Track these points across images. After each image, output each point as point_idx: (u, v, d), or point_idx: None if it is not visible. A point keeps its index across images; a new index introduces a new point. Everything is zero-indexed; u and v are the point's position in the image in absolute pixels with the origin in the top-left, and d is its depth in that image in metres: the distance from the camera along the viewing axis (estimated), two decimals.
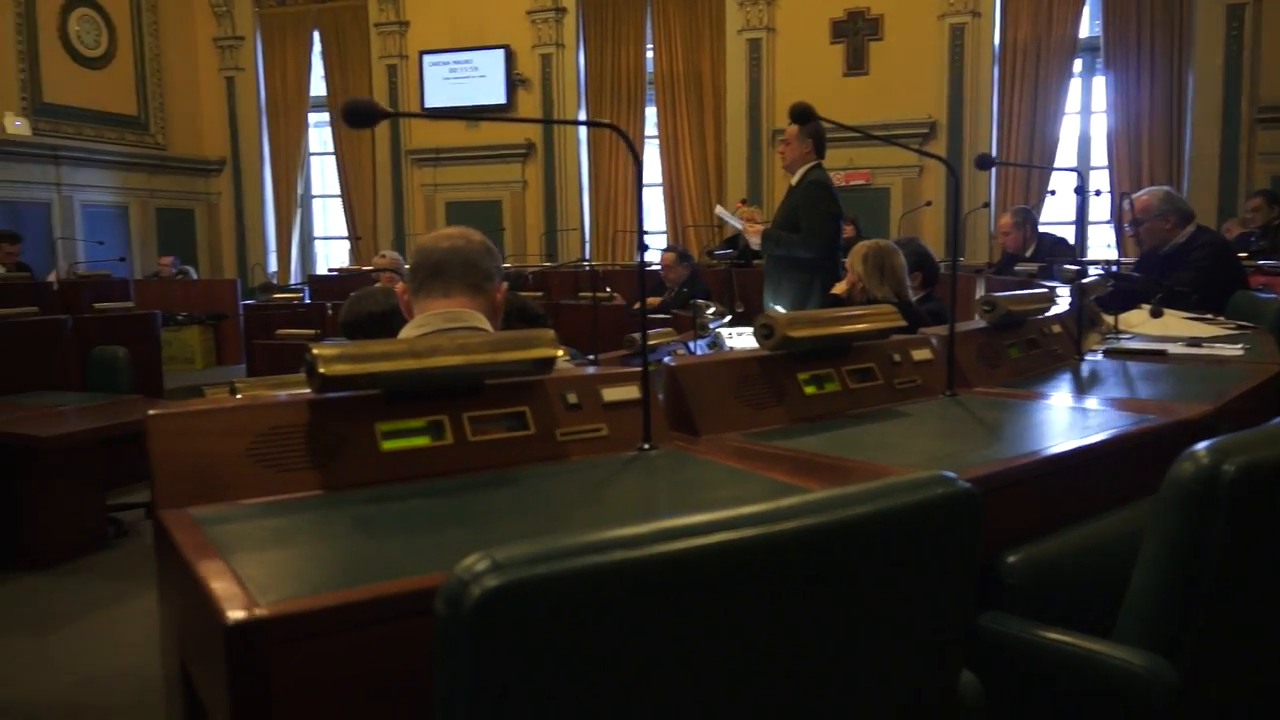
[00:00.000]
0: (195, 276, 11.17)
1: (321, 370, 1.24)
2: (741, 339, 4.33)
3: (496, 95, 10.66)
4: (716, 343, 4.34)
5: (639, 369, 1.48)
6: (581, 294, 7.15)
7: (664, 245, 8.48)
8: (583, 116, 10.75)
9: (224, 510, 1.13)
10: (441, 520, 1.13)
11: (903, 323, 1.91)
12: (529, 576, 0.73)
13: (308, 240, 12.31)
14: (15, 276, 7.43)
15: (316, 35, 11.44)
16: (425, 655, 0.87)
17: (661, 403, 1.55)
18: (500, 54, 10.65)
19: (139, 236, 11.25)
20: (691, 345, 4.01)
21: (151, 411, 1.17)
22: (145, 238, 11.32)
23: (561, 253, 10.49)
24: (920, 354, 1.94)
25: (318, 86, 11.61)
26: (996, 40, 9.26)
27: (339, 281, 8.59)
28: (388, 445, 1.29)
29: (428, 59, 10.90)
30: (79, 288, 7.41)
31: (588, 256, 10.33)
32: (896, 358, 1.89)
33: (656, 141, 10.46)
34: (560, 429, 1.41)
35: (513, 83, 10.67)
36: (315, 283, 8.98)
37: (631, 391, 1.47)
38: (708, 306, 4.87)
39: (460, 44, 10.76)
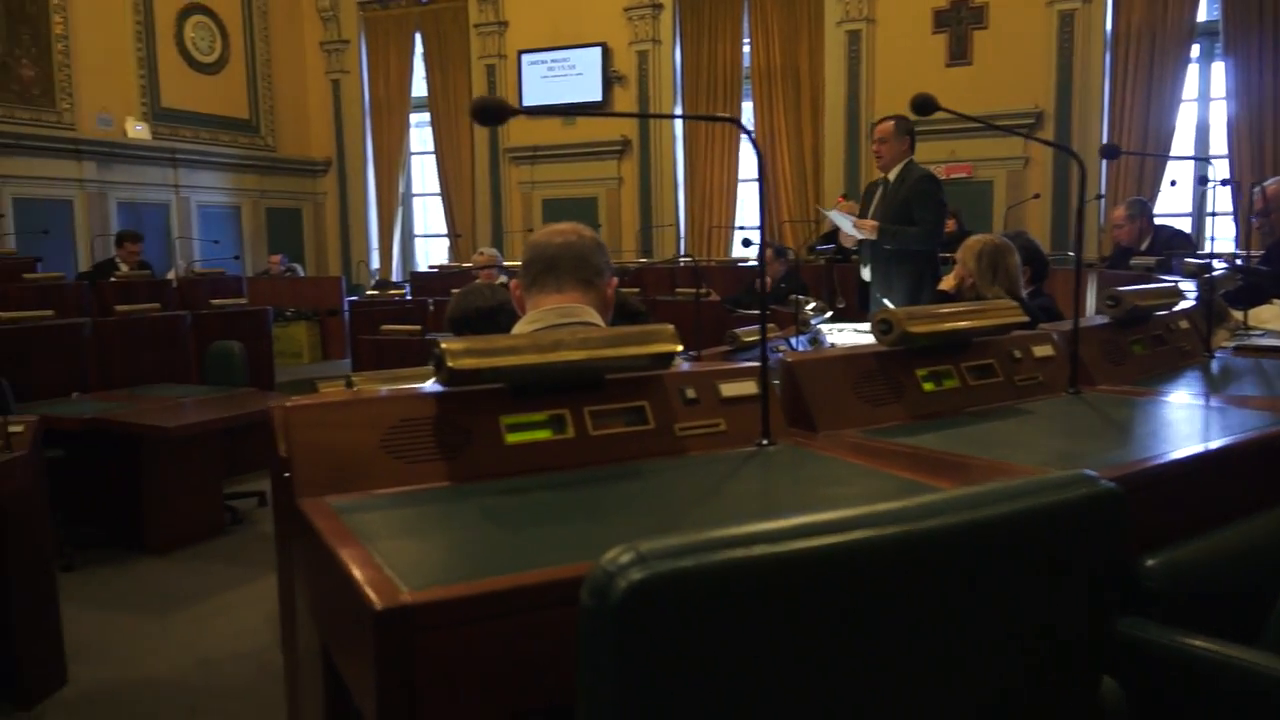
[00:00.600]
0: (302, 274, 11.55)
1: (450, 364, 1.26)
2: (842, 335, 4.27)
3: (593, 93, 10.74)
4: (817, 339, 4.29)
5: (756, 365, 1.47)
6: (678, 290, 7.15)
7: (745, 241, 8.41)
8: (679, 111, 10.74)
9: (360, 499, 1.16)
10: (569, 513, 1.14)
11: (1025, 319, 1.85)
12: (673, 569, 0.73)
13: (408, 238, 12.60)
14: (138, 275, 7.79)
15: (418, 37, 11.69)
16: (564, 644, 0.88)
17: (778, 398, 1.53)
18: (597, 51, 10.73)
19: (250, 235, 11.68)
20: (792, 341, 3.97)
21: (290, 404, 1.21)
22: (256, 236, 11.75)
23: (656, 249, 10.52)
24: (1041, 350, 1.89)
25: (418, 87, 11.87)
26: (1108, 26, 8.93)
27: (440, 278, 8.77)
28: (511, 438, 1.31)
29: (526, 58, 11.05)
30: (196, 285, 7.73)
31: (683, 252, 10.33)
32: (1017, 354, 1.84)
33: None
34: (679, 424, 1.41)
35: (609, 80, 10.74)
36: (417, 279, 9.19)
37: (749, 387, 1.46)
38: (807, 302, 4.82)
39: (558, 42, 10.88)
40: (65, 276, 7.83)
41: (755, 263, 7.82)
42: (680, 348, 1.40)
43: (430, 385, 2.07)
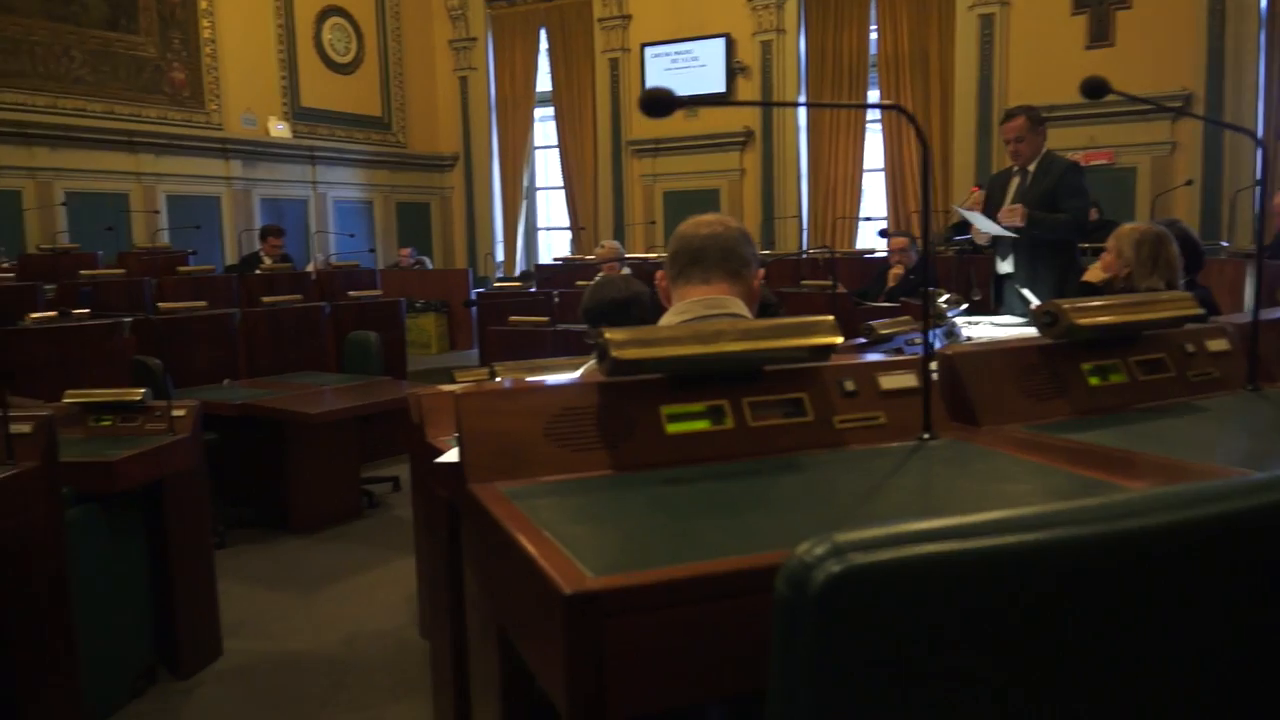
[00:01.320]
0: (430, 266, 11.88)
1: (614, 354, 1.27)
2: (978, 329, 4.14)
3: (716, 84, 10.70)
4: (953, 332, 4.18)
5: (915, 357, 1.43)
6: (804, 282, 7.07)
7: (881, 232, 8.24)
8: (803, 99, 10.61)
9: (529, 486, 1.18)
10: (738, 504, 1.14)
11: (1198, 310, 1.75)
12: (870, 563, 0.72)
13: (531, 231, 12.82)
14: (280, 267, 8.15)
15: (543, 32, 11.87)
16: (747, 633, 0.88)
17: (937, 391, 1.49)
18: (720, 43, 10.68)
19: (381, 229, 12.09)
20: (928, 335, 3.87)
21: (461, 391, 1.24)
22: (387, 230, 12.15)
23: (779, 241, 10.42)
24: (1215, 344, 1.78)
25: (542, 82, 12.06)
26: (1262, 2, 8.39)
27: (564, 270, 8.88)
28: (672, 428, 1.31)
29: (649, 51, 11.09)
30: (333, 277, 8.04)
31: (804, 245, 10.21)
32: (1190, 348, 1.74)
33: (879, 125, 10.19)
34: (838, 416, 1.38)
35: (732, 71, 10.68)
36: (541, 272, 9.35)
37: (909, 379, 1.43)
38: (941, 294, 4.69)
39: (680, 35, 10.88)
40: (215, 269, 8.25)
41: (884, 254, 7.65)
42: (840, 339, 1.38)
43: (573, 375, 2.09)
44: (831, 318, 1.39)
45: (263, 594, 4.09)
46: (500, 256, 12.56)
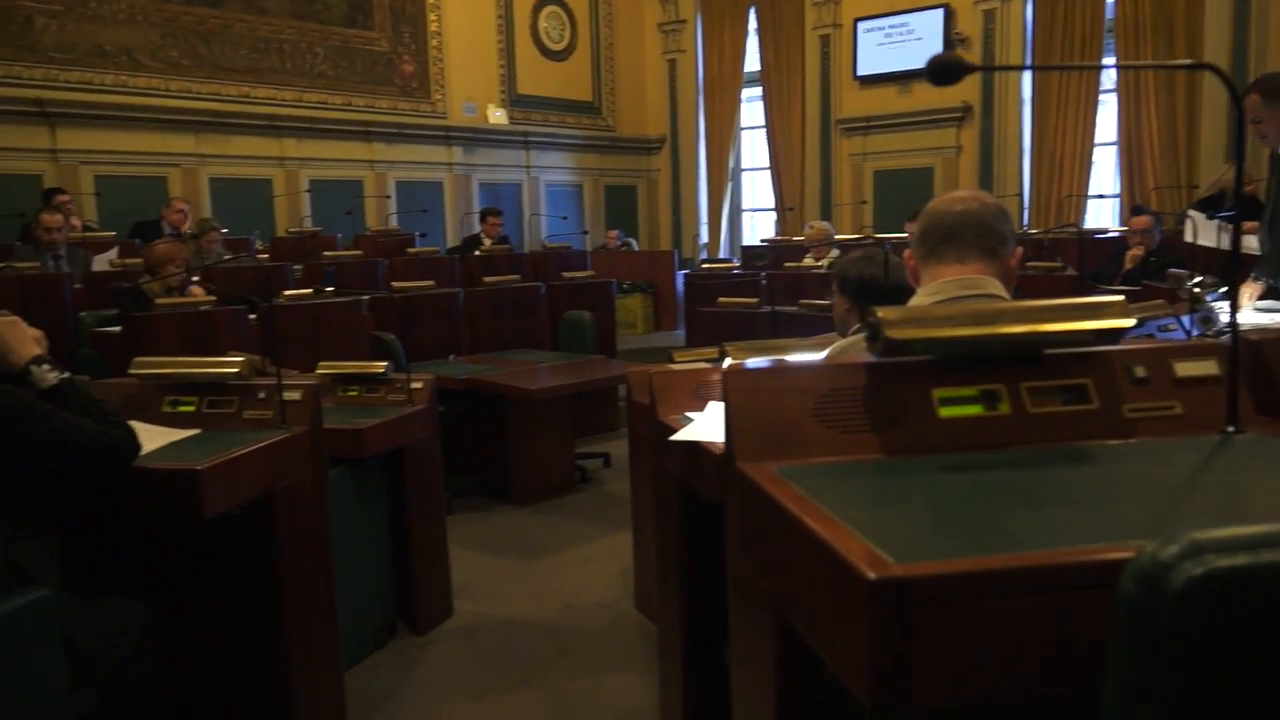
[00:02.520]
0: (636, 248, 12.08)
1: (887, 334, 1.22)
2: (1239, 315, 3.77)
3: None
4: (1209, 318, 3.83)
5: (1216, 342, 1.30)
6: (1030, 264, 6.68)
7: (1135, 209, 7.66)
8: (1027, 74, 10.01)
9: (800, 467, 1.16)
10: (1035, 494, 1.07)
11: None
12: (1233, 566, 0.65)
13: (736, 212, 12.78)
14: (499, 249, 8.49)
15: (752, 12, 11.76)
16: (1062, 630, 0.83)
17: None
18: (939, 14, 10.24)
19: (589, 212, 12.38)
20: (1183, 320, 3.56)
21: (728, 369, 1.23)
22: (594, 212, 12.43)
23: None
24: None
25: (750, 63, 11.96)
26: None
27: (771, 251, 8.80)
28: (944, 412, 1.25)
29: (862, 25, 10.78)
30: (547, 258, 8.30)
31: (1025, 224, 9.66)
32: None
33: (1113, 95, 9.49)
34: (1127, 405, 1.28)
35: (950, 43, 10.21)
36: (747, 253, 9.30)
37: (1209, 367, 1.30)
38: (1188, 276, 4.31)
39: (895, 7, 10.51)
40: (438, 251, 8.70)
41: (1116, 234, 7.12)
42: (1133, 322, 1.27)
43: (813, 356, 2.05)
44: (1122, 298, 1.28)
45: (487, 560, 4.28)
46: (704, 238, 12.60)
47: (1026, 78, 9.90)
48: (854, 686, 0.84)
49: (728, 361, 2.36)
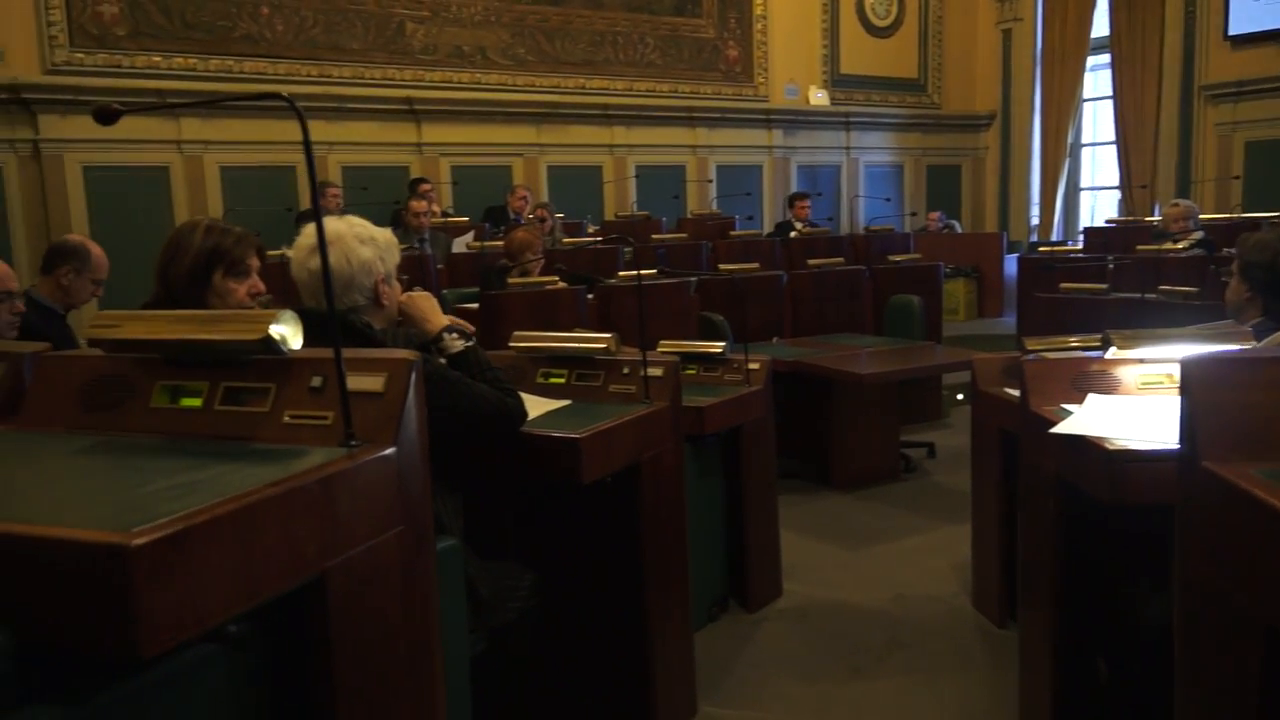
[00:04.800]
0: (959, 230, 11.53)
1: None
2: None
3: None
4: None
5: None
6: None
7: None
8: None
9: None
10: None
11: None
12: None
13: (1073, 191, 11.83)
14: (818, 231, 8.43)
15: None
16: None
17: None
18: None
19: (909, 192, 11.97)
20: None
21: (1193, 360, 1.11)
22: (915, 193, 12.01)
23: None
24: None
25: (1097, 27, 10.98)
26: None
27: (1118, 233, 8.06)
28: None
29: None
30: (869, 241, 8.13)
31: None
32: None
33: None
34: None
35: None
36: (1092, 235, 8.56)
37: None
38: None
39: None
40: (760, 234, 8.78)
41: None
42: None
43: (1223, 346, 1.83)
44: None
45: (812, 543, 4.27)
46: (1035, 219, 11.78)
47: None
48: None
49: (1112, 351, 2.18)
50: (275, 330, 1.29)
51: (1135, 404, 1.99)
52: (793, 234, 8.46)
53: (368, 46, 8.64)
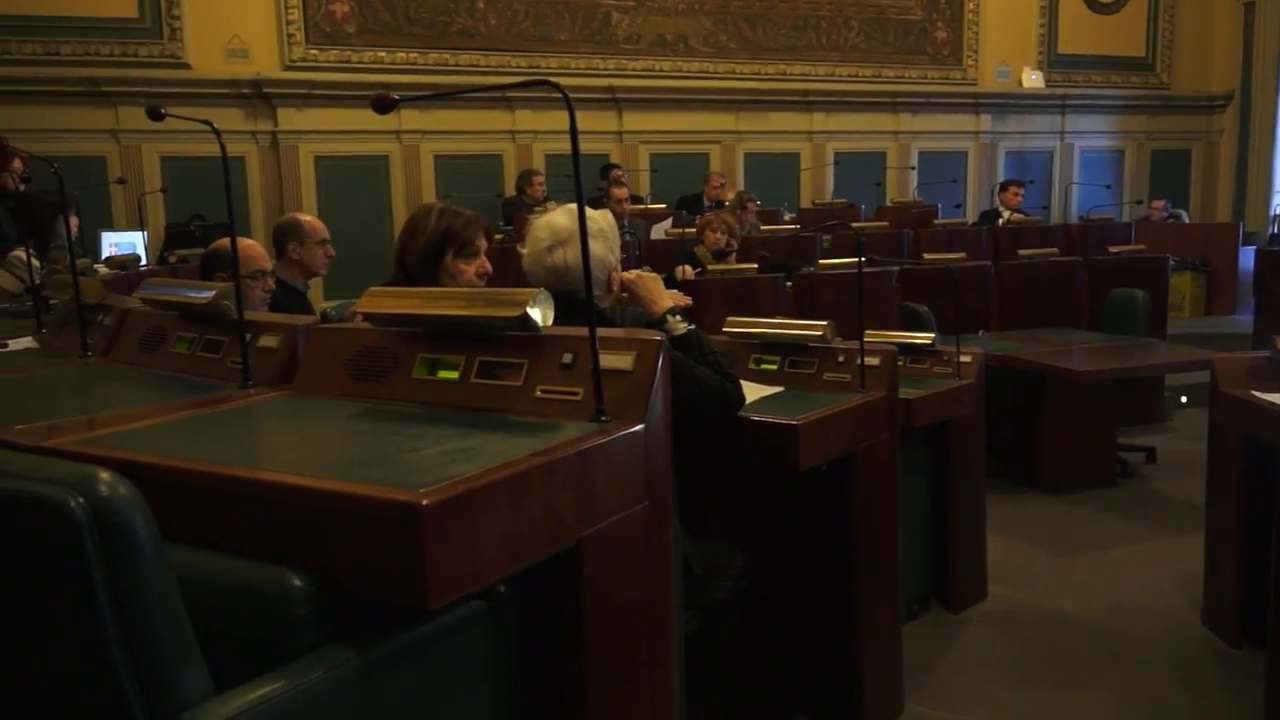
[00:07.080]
0: (1186, 219, 10.69)
1: None
2: None
3: None
4: None
5: None
6: None
7: None
8: None
9: None
10: None
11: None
12: None
13: None
14: (1028, 220, 8.03)
15: None
16: None
17: None
18: None
19: (1130, 179, 11.19)
20: None
21: None
22: (1137, 180, 11.21)
23: None
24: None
25: None
26: None
27: None
28: None
29: None
30: (1085, 231, 7.66)
31: None
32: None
33: None
34: None
35: None
36: None
37: None
38: None
39: None
40: (965, 223, 8.45)
41: None
42: None
43: None
44: None
45: (1020, 546, 4.11)
46: (1277, 209, 10.76)
47: None
48: None
49: None
50: (531, 309, 1.37)
51: None
52: (1000, 222, 8.10)
53: (574, 37, 8.87)
